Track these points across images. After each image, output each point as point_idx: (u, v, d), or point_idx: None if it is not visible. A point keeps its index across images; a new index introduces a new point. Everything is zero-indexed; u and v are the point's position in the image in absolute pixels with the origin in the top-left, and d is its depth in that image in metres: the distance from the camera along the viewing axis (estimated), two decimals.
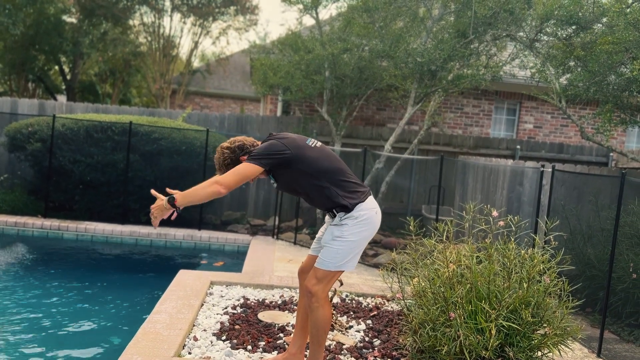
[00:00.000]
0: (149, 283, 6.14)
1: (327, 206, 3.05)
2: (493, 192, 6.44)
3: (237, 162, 3.05)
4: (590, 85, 5.81)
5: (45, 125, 8.16)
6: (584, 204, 5.76)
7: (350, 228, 2.99)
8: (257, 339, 3.77)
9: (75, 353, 4.00)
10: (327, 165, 3.03)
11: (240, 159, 3.05)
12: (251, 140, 3.13)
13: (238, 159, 3.06)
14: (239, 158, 3.06)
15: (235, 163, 3.05)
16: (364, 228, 3.01)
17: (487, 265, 3.52)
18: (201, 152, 8.24)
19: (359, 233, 3.00)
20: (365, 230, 3.02)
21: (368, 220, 3.02)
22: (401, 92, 8.64)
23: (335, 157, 3.12)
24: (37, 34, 14.47)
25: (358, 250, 3.05)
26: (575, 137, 10.95)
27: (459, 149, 9.81)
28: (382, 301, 4.95)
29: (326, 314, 3.00)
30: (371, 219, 3.04)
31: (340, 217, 3.03)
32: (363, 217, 3.00)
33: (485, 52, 7.88)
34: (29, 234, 7.61)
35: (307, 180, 3.01)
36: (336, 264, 2.98)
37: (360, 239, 3.01)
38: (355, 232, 2.99)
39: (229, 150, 3.08)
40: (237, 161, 3.05)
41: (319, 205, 3.13)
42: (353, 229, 2.99)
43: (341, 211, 3.02)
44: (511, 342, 3.28)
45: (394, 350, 3.75)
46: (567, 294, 3.53)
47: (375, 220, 3.06)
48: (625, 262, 4.78)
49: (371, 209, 3.05)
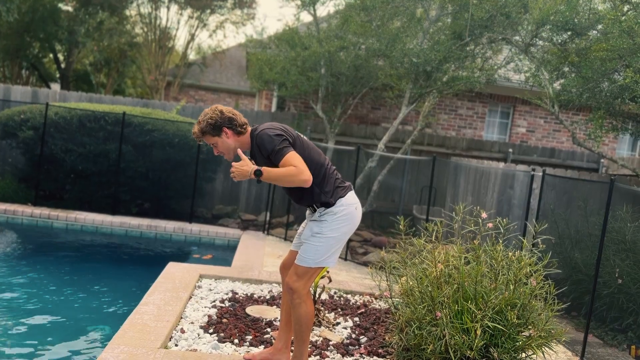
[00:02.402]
0: (137, 274, 6.13)
1: (309, 200, 3.03)
2: (484, 194, 6.48)
3: (218, 130, 2.98)
4: (583, 91, 5.86)
5: (38, 113, 8.11)
6: (573, 209, 5.81)
7: (330, 224, 2.99)
8: (245, 333, 3.78)
9: (61, 343, 3.99)
10: (316, 158, 3.03)
11: (222, 129, 2.99)
12: (242, 121, 3.05)
13: (220, 128, 2.98)
14: (221, 127, 2.98)
15: (215, 130, 2.98)
16: (343, 224, 3.01)
17: (475, 266, 3.55)
18: (194, 145, 8.22)
19: (339, 229, 3.00)
20: (344, 225, 3.02)
21: (348, 216, 3.02)
22: (396, 91, 8.65)
23: (319, 151, 3.12)
24: (33, 21, 14.36)
25: (338, 246, 3.05)
26: (567, 142, 11.03)
27: (451, 151, 9.85)
28: (370, 299, 4.97)
29: (308, 310, 3.01)
30: (351, 214, 3.04)
31: (320, 212, 3.02)
32: (343, 212, 3.00)
33: (481, 55, 7.91)
34: (18, 222, 7.57)
35: None
36: (316, 261, 2.98)
37: (339, 235, 3.01)
38: (335, 228, 2.99)
39: (219, 115, 2.99)
40: (218, 129, 2.98)
41: (299, 198, 3.08)
42: (332, 224, 2.99)
43: (322, 206, 3.02)
44: (496, 343, 3.31)
45: (380, 347, 3.78)
46: (552, 297, 3.56)
47: (355, 216, 3.06)
48: (612, 267, 4.83)
49: (351, 204, 3.05)
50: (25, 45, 15.21)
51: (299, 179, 2.84)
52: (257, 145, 2.96)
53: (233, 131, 3.00)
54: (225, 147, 3.03)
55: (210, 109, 3.03)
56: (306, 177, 2.84)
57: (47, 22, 14.53)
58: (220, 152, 3.06)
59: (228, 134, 3.00)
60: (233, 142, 3.02)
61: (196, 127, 3.04)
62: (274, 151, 2.87)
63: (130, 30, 17.00)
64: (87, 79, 18.52)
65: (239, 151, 3.01)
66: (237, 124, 3.01)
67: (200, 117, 3.04)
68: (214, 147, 3.06)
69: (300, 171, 2.83)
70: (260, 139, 2.92)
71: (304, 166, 2.86)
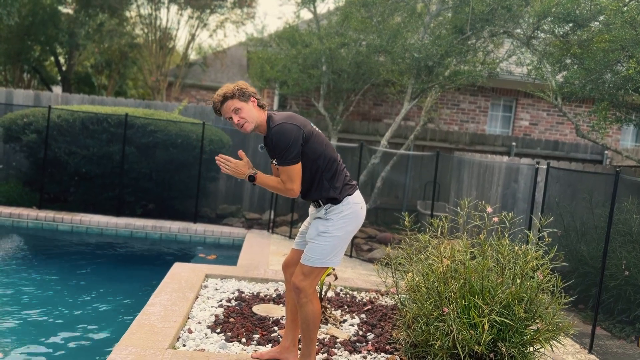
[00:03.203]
0: (143, 275, 6.14)
1: (316, 195, 3.02)
2: (488, 189, 6.46)
3: (247, 97, 2.95)
4: (586, 83, 5.83)
5: (41, 117, 8.12)
6: (578, 201, 5.79)
7: (335, 223, 2.98)
8: (252, 332, 3.78)
9: (69, 344, 4.00)
10: (330, 154, 3.02)
11: (250, 97, 2.96)
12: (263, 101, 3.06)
13: (249, 96, 2.96)
14: (250, 96, 2.96)
15: (244, 96, 2.94)
16: (349, 223, 3.01)
17: (481, 261, 3.54)
18: (197, 145, 8.23)
19: (344, 227, 3.00)
20: (350, 224, 3.02)
21: (353, 215, 3.02)
22: (398, 87, 8.64)
23: (333, 147, 3.12)
24: (33, 25, 14.37)
25: (343, 245, 3.04)
26: (571, 134, 10.99)
27: (454, 145, 9.83)
28: (376, 296, 4.97)
29: (315, 309, 3.01)
30: (356, 213, 3.04)
31: (326, 209, 3.02)
32: (349, 211, 3.00)
33: (482, 49, 7.88)
34: (23, 225, 7.59)
35: (306, 166, 2.96)
36: (322, 260, 2.98)
37: (344, 234, 3.01)
38: (341, 227, 2.99)
39: (247, 87, 2.98)
40: (247, 96, 2.95)
41: (306, 191, 3.06)
42: (338, 223, 2.98)
43: (328, 202, 3.02)
44: (504, 337, 3.31)
45: (388, 344, 3.77)
46: (559, 290, 3.55)
47: (360, 215, 3.06)
48: (618, 259, 4.81)
49: (357, 203, 3.05)
50: (26, 48, 15.23)
51: (284, 192, 2.97)
52: (272, 135, 2.94)
53: (258, 103, 3.00)
54: (250, 114, 2.96)
55: (234, 83, 3.01)
56: (294, 194, 2.96)
57: (47, 25, 14.55)
58: (240, 120, 2.95)
59: (255, 102, 2.99)
60: (257, 112, 2.99)
61: (221, 93, 2.96)
62: (283, 155, 2.88)
63: (131, 32, 17.00)
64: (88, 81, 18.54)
65: (241, 152, 3.03)
66: (259, 99, 3.03)
67: (223, 89, 2.99)
68: (234, 114, 2.95)
69: (287, 189, 2.94)
70: (277, 132, 2.90)
71: (297, 180, 2.94)
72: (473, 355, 3.34)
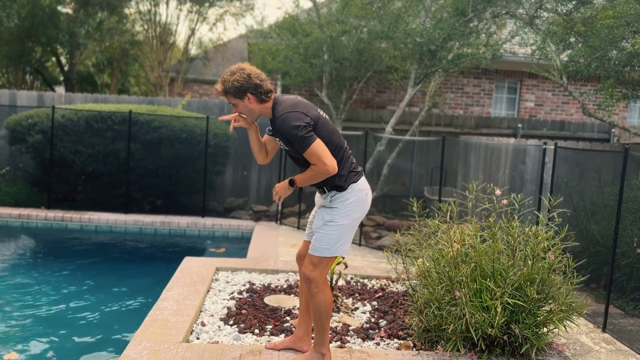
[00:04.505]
0: (154, 271, 6.17)
1: (322, 183, 2.99)
2: (495, 172, 6.43)
3: (241, 93, 2.90)
4: (591, 61, 5.76)
5: (45, 117, 8.14)
6: (586, 181, 5.74)
7: (341, 211, 2.97)
8: (264, 323, 3.79)
9: (84, 341, 4.03)
10: (337, 141, 3.00)
11: (246, 94, 2.91)
12: (268, 88, 2.94)
13: (244, 92, 2.90)
14: (245, 92, 2.90)
15: (238, 93, 2.90)
16: (354, 210, 2.99)
17: (491, 244, 3.53)
18: (202, 140, 8.22)
19: (350, 215, 2.98)
20: (356, 212, 3.00)
21: (358, 202, 3.00)
22: (401, 73, 8.57)
23: (339, 133, 3.10)
24: (33, 26, 14.35)
25: (350, 233, 3.03)
26: (577, 114, 10.90)
27: (460, 130, 9.78)
28: (387, 282, 4.97)
29: (327, 298, 3.01)
30: (362, 200, 3.02)
31: (331, 197, 3.00)
32: (354, 198, 2.99)
33: (485, 31, 7.80)
34: (33, 226, 7.64)
35: None
36: (330, 249, 2.97)
37: (351, 222, 3.00)
38: (346, 215, 2.97)
39: (246, 79, 2.89)
40: (242, 93, 2.90)
41: None
42: (343, 211, 2.97)
43: (333, 189, 3.00)
44: (517, 319, 3.30)
45: (400, 330, 3.78)
46: (571, 270, 3.54)
47: (366, 202, 3.05)
48: (629, 237, 4.78)
49: (362, 190, 3.03)
50: (27, 50, 15.23)
51: (323, 173, 2.87)
52: (278, 126, 2.91)
53: (256, 98, 2.93)
54: (246, 110, 2.97)
55: (238, 69, 2.93)
56: (331, 169, 2.86)
57: (47, 26, 14.53)
58: (239, 112, 3.00)
59: (251, 99, 2.93)
60: (255, 108, 2.96)
61: (219, 85, 2.95)
62: (298, 141, 2.84)
63: (131, 29, 16.96)
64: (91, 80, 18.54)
65: (221, 118, 3.09)
66: (262, 91, 2.93)
67: (225, 75, 2.93)
68: (234, 106, 2.99)
69: (325, 169, 2.84)
70: (281, 124, 2.87)
71: (327, 155, 2.86)
72: (486, 338, 3.34)
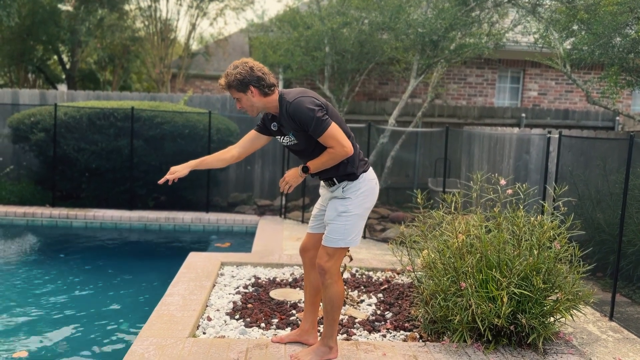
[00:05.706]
0: (159, 267, 6.19)
1: (332, 172, 2.98)
2: (500, 162, 6.40)
3: (244, 86, 2.88)
4: (595, 49, 5.71)
5: (48, 115, 8.14)
6: (591, 169, 5.71)
7: (354, 201, 2.98)
8: (270, 317, 3.80)
9: (90, 337, 4.04)
10: (344, 129, 2.99)
11: (249, 87, 2.88)
12: (271, 81, 2.92)
13: (247, 85, 2.87)
14: (248, 85, 2.87)
15: (241, 86, 2.88)
16: (366, 199, 3.02)
17: (497, 234, 3.51)
18: (204, 135, 8.22)
19: (362, 205, 3.01)
20: (367, 201, 3.03)
21: (369, 191, 3.03)
22: (403, 64, 8.54)
23: (345, 124, 3.09)
24: (34, 24, 14.34)
25: (362, 223, 3.06)
26: (581, 102, 10.84)
27: (463, 120, 9.73)
28: (392, 274, 4.97)
29: (340, 290, 3.02)
30: (372, 189, 3.06)
31: (343, 188, 3.00)
32: (365, 187, 3.01)
33: (487, 20, 7.75)
34: (38, 224, 7.66)
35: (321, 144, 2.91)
36: (346, 240, 2.98)
37: (363, 211, 3.02)
38: (359, 204, 2.99)
39: (249, 72, 2.86)
40: (244, 86, 2.87)
41: (323, 171, 3.00)
42: (356, 201, 2.99)
43: (344, 180, 3.00)
44: (523, 309, 3.29)
45: (406, 322, 3.77)
46: (577, 259, 3.52)
47: (376, 191, 3.08)
48: (635, 225, 4.75)
49: (372, 179, 3.07)
50: (29, 49, 15.22)
51: (341, 155, 2.87)
52: (288, 114, 2.88)
53: (259, 91, 2.91)
54: (249, 104, 2.95)
55: (241, 63, 2.91)
56: (349, 150, 2.87)
57: (48, 24, 14.51)
58: (242, 107, 2.98)
59: (254, 92, 2.90)
60: (258, 102, 2.94)
61: (223, 79, 2.93)
62: (314, 125, 2.81)
63: (132, 25, 16.93)
64: (93, 78, 18.54)
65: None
66: (265, 84, 2.90)
67: (228, 69, 2.92)
68: (237, 101, 2.98)
69: (341, 146, 2.85)
70: (295, 109, 2.83)
71: (344, 136, 2.87)
72: (493, 329, 3.33)
